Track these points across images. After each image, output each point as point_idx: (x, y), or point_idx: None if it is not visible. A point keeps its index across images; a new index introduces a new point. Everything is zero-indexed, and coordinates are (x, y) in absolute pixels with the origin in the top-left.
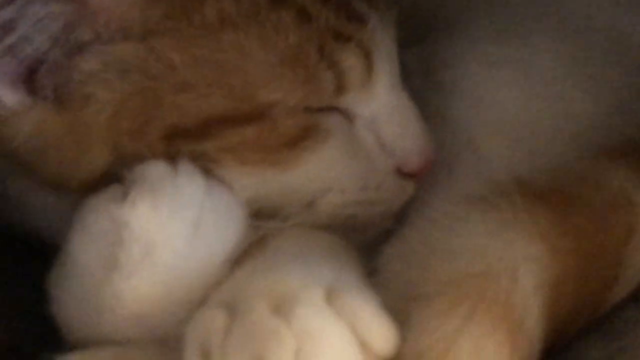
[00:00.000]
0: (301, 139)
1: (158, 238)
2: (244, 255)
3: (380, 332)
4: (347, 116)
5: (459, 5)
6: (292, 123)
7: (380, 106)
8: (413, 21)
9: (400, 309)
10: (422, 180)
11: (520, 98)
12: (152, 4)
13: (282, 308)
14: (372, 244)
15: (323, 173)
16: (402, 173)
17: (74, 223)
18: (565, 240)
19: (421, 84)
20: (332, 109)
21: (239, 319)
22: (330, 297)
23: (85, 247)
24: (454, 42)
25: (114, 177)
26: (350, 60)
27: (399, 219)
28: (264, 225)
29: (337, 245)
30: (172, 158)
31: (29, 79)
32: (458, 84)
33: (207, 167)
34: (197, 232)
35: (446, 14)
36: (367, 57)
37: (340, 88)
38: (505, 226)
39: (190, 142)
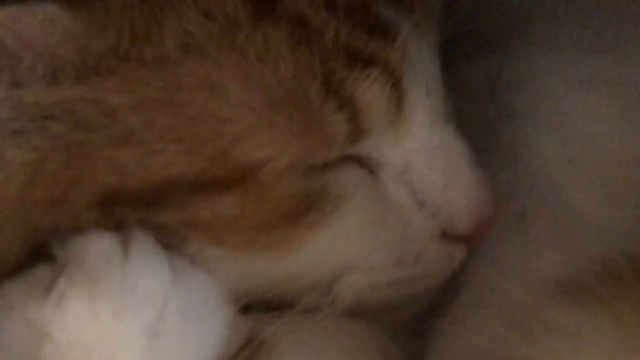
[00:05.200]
0: (303, 211)
1: (96, 354)
2: None
3: None
4: (368, 165)
5: (538, 5)
6: (288, 190)
7: (415, 149)
8: (477, 25)
9: None
10: (478, 241)
11: (619, 130)
12: (94, 37)
13: None
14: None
15: (339, 250)
16: (449, 236)
17: None
18: None
19: (487, 108)
20: (346, 158)
21: None
22: None
23: None
24: (530, 54)
25: (36, 252)
26: (371, 93)
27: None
28: (263, 323)
29: (360, 349)
30: (110, 228)
31: None
32: (536, 109)
33: (168, 242)
34: (156, 344)
35: (521, 16)
36: (396, 85)
37: (356, 132)
38: (616, 332)
39: (137, 210)
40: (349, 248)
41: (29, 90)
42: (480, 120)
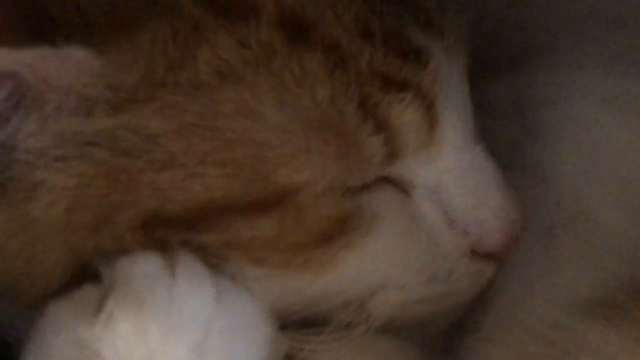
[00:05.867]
0: (339, 233)
1: None
2: None
3: None
4: (401, 186)
5: (562, 23)
6: (325, 212)
7: (446, 169)
8: (502, 44)
9: None
10: (506, 257)
11: None
12: (122, 71)
13: None
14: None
15: (372, 269)
16: (479, 254)
17: (30, 341)
18: None
19: (512, 126)
20: (379, 179)
21: None
22: None
23: None
24: (555, 73)
25: (79, 274)
26: (406, 115)
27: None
28: (301, 340)
29: None
30: (153, 249)
31: None
32: (562, 127)
33: (209, 261)
34: None
35: (546, 34)
36: (429, 107)
37: (391, 154)
38: None
39: (178, 232)
40: (382, 267)
41: (65, 122)
42: (505, 138)
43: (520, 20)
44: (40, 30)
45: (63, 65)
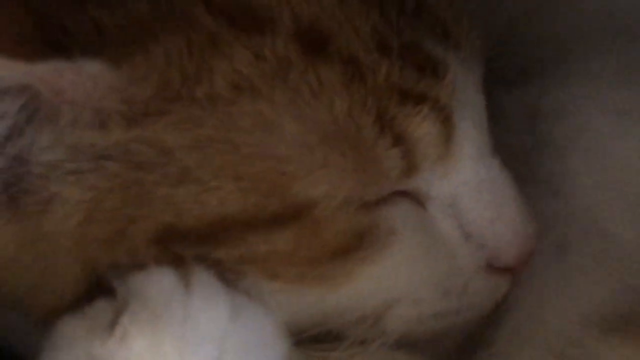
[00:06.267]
0: (355, 247)
1: None
2: None
3: None
4: (417, 199)
5: (576, 34)
6: (341, 226)
7: (462, 182)
8: (515, 54)
9: None
10: (521, 271)
11: None
12: (136, 84)
13: None
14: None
15: (388, 284)
16: (494, 268)
17: (42, 356)
18: None
19: (525, 138)
20: (396, 192)
21: None
22: None
23: None
24: (568, 84)
25: (94, 288)
26: (423, 129)
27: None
28: (317, 356)
29: None
30: (168, 264)
31: None
32: (575, 140)
33: (224, 276)
34: None
35: (559, 46)
36: (446, 120)
37: (409, 169)
38: None
39: (194, 246)
40: (397, 281)
41: (79, 135)
42: (518, 150)
43: (532, 31)
44: (54, 43)
45: (78, 79)
